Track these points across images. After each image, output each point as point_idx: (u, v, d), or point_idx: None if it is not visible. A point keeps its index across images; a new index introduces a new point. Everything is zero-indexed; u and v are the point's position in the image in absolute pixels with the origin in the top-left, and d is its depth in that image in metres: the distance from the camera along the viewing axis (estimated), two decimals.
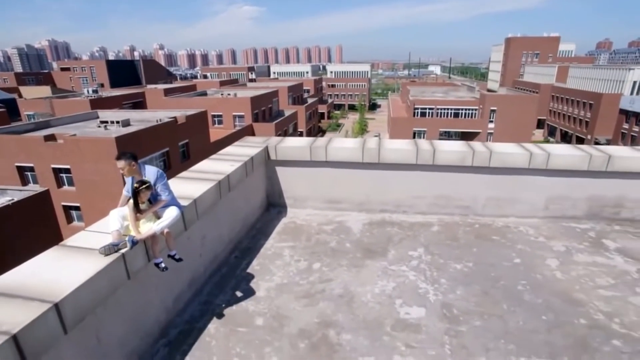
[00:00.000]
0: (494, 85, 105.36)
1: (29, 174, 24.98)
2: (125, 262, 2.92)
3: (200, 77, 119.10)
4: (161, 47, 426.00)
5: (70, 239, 3.10)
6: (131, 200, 3.07)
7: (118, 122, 28.65)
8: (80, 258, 2.81)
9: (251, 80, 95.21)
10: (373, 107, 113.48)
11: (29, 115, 40.18)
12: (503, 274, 4.44)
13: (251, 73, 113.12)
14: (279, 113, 54.38)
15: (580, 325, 3.58)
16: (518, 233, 5.44)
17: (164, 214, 3.21)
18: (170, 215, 3.18)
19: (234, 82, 79.71)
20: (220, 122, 45.39)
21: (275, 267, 4.65)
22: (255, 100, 45.99)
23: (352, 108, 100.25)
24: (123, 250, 2.90)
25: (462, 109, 58.03)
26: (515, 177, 5.67)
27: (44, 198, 18.95)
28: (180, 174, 4.81)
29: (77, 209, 25.59)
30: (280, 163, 6.13)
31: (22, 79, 79.01)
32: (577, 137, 65.44)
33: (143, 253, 3.13)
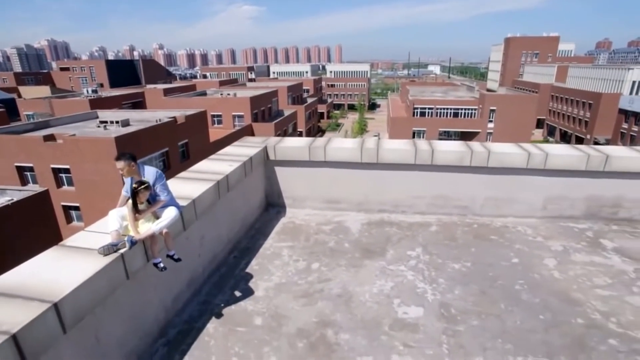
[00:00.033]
0: (493, 85, 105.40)
1: (28, 174, 24.97)
2: (124, 262, 2.94)
3: (199, 77, 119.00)
4: (161, 47, 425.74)
5: (70, 239, 3.12)
6: (130, 200, 3.08)
7: (117, 122, 28.65)
8: (79, 258, 2.83)
9: (251, 80, 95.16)
10: (372, 106, 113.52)
11: (28, 115, 40.15)
12: (501, 274, 4.45)
13: (251, 73, 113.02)
14: (278, 113, 54.37)
15: (577, 325, 3.60)
16: (516, 233, 5.46)
17: (162, 214, 3.22)
18: (169, 215, 3.19)
19: (233, 82, 79.68)
20: (219, 122, 45.39)
21: (274, 267, 4.67)
22: (255, 100, 46.00)
23: (351, 108, 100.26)
24: (122, 251, 2.91)
25: (461, 109, 58.05)
26: (513, 177, 5.69)
27: (43, 198, 18.96)
28: (179, 174, 4.83)
29: (76, 209, 25.59)
30: (279, 163, 6.14)
31: (21, 79, 78.94)
32: (576, 137, 65.50)
33: (142, 253, 3.14)
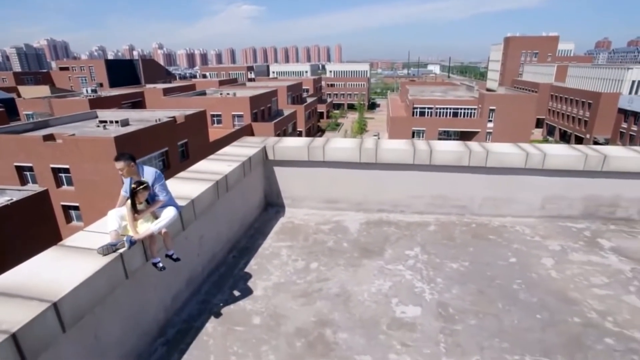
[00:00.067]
0: (493, 85, 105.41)
1: (28, 173, 24.97)
2: (123, 261, 2.95)
3: (199, 76, 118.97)
4: (160, 47, 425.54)
5: (69, 239, 3.14)
6: (129, 200, 3.10)
7: (117, 121, 28.65)
8: (78, 258, 2.84)
9: (250, 80, 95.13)
10: (372, 106, 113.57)
11: (27, 115, 40.14)
12: (499, 273, 4.47)
13: (250, 72, 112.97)
14: (278, 112, 54.37)
15: (574, 324, 3.62)
16: (514, 232, 5.48)
17: (161, 214, 3.24)
18: (167, 215, 3.21)
19: (233, 81, 79.63)
20: (219, 122, 45.38)
21: (272, 267, 4.68)
22: (254, 100, 45.98)
23: (351, 107, 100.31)
24: (121, 250, 2.93)
25: (461, 109, 58.08)
26: (511, 177, 5.71)
27: (43, 198, 18.96)
28: (178, 174, 4.84)
29: (76, 208, 25.59)
30: (278, 163, 6.16)
31: (20, 79, 78.91)
32: (576, 137, 65.56)
33: (141, 253, 3.16)
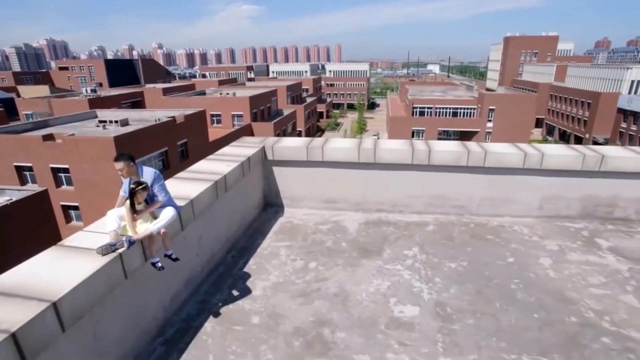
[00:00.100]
0: (492, 85, 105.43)
1: (27, 173, 24.96)
2: (122, 261, 2.97)
3: (199, 76, 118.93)
4: (160, 46, 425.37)
5: (68, 239, 3.15)
6: (128, 200, 3.11)
7: (116, 121, 28.64)
8: (78, 258, 2.86)
9: (250, 80, 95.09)
10: (372, 106, 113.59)
11: (27, 115, 40.12)
12: (497, 273, 4.49)
13: (250, 72, 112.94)
14: (277, 112, 54.36)
15: (571, 323, 3.64)
16: (512, 232, 5.49)
17: (160, 214, 3.26)
18: (166, 215, 3.23)
19: (232, 81, 79.61)
20: (219, 122, 45.36)
21: (271, 267, 4.70)
22: (254, 100, 45.97)
23: (351, 107, 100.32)
24: (120, 250, 2.94)
25: (460, 108, 58.09)
26: (510, 177, 5.73)
27: (42, 198, 18.95)
28: (177, 174, 4.86)
29: (75, 208, 25.58)
30: (277, 163, 6.17)
31: (20, 78, 78.91)
32: (575, 136, 65.61)
33: (140, 253, 3.17)
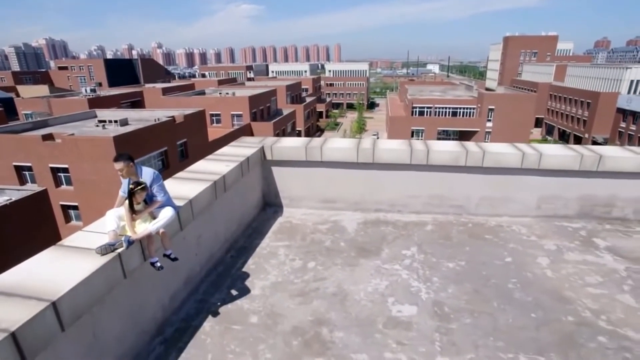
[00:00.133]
0: (492, 84, 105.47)
1: (26, 173, 24.96)
2: (121, 261, 2.98)
3: (198, 76, 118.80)
4: (159, 46, 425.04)
5: (68, 239, 3.17)
6: (127, 201, 3.13)
7: (116, 121, 28.63)
8: (77, 258, 2.87)
9: (249, 79, 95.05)
10: (371, 106, 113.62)
11: (26, 115, 40.07)
12: (494, 273, 4.51)
13: (249, 72, 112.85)
14: (277, 112, 54.36)
15: (567, 323, 3.66)
16: (510, 232, 5.52)
17: (159, 214, 3.27)
18: (165, 215, 3.24)
19: (232, 81, 79.61)
20: (218, 121, 45.36)
21: (270, 266, 4.72)
22: (254, 99, 45.97)
23: (350, 107, 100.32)
24: (119, 250, 2.96)
25: (460, 108, 58.10)
26: (508, 176, 5.75)
27: (42, 197, 18.95)
28: (176, 174, 4.87)
29: (75, 208, 25.59)
30: (276, 163, 6.19)
31: (19, 78, 78.85)
32: (575, 136, 65.65)
33: (139, 252, 3.19)
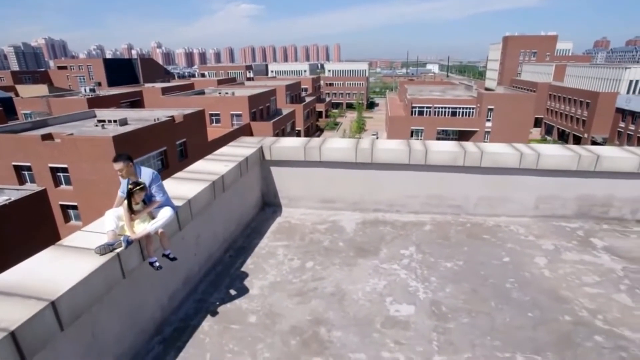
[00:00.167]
0: (491, 84, 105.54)
1: (26, 173, 24.96)
2: (120, 261, 3.00)
3: (198, 75, 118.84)
4: (159, 46, 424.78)
5: (67, 238, 3.18)
6: (126, 201, 3.14)
7: (115, 121, 28.63)
8: (76, 257, 2.89)
9: (249, 79, 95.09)
10: (371, 105, 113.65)
11: (25, 114, 40.05)
12: (492, 272, 4.53)
13: (249, 72, 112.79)
14: (276, 112, 54.38)
15: (564, 322, 3.68)
16: (508, 232, 5.53)
17: (158, 214, 3.29)
18: (164, 215, 3.26)
19: (231, 80, 79.62)
20: (218, 121, 45.37)
21: (269, 266, 4.73)
22: (253, 99, 45.98)
23: (350, 107, 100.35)
24: (118, 250, 2.97)
25: (459, 108, 58.13)
26: (506, 177, 5.76)
27: (41, 197, 18.96)
28: (175, 174, 4.88)
29: (74, 208, 25.60)
30: (275, 163, 6.20)
31: (18, 78, 78.79)
32: (574, 136, 65.71)
33: (138, 252, 3.20)
